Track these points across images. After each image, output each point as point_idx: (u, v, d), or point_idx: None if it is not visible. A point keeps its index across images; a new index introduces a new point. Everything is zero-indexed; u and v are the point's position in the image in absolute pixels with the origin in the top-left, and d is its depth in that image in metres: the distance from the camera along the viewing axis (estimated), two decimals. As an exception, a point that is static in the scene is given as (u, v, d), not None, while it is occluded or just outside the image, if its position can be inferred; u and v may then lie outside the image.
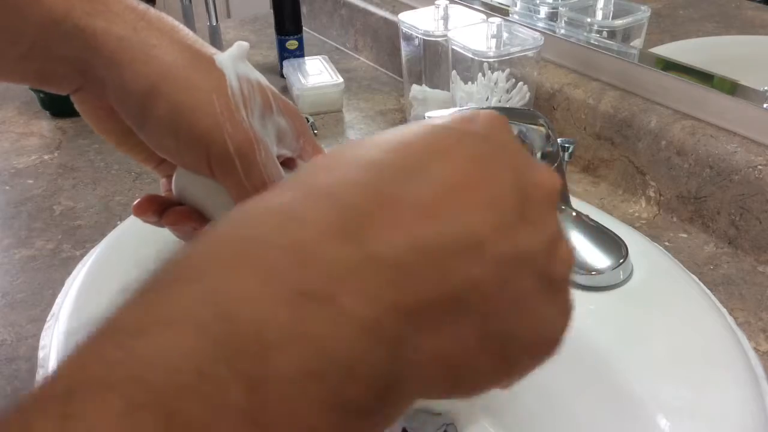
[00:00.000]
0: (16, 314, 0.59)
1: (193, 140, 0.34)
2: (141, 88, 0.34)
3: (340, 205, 0.20)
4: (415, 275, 0.20)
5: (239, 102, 0.35)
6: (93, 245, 0.64)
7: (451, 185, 0.21)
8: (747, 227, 0.62)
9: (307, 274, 0.18)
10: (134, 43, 0.34)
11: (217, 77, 0.35)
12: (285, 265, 0.18)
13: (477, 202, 0.21)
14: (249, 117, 0.35)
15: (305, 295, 0.18)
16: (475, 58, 0.73)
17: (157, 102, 0.34)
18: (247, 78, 0.37)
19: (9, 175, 0.80)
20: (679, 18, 0.82)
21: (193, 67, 0.35)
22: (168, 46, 0.35)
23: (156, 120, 0.34)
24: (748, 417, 0.44)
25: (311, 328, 0.18)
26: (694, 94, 0.68)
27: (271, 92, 0.38)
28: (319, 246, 0.19)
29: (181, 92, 0.34)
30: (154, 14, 0.36)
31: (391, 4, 1.05)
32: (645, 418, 0.45)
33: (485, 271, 0.21)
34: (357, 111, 0.94)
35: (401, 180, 0.21)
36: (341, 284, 0.18)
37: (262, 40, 1.19)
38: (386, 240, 0.19)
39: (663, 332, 0.51)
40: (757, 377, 0.47)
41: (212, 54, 0.36)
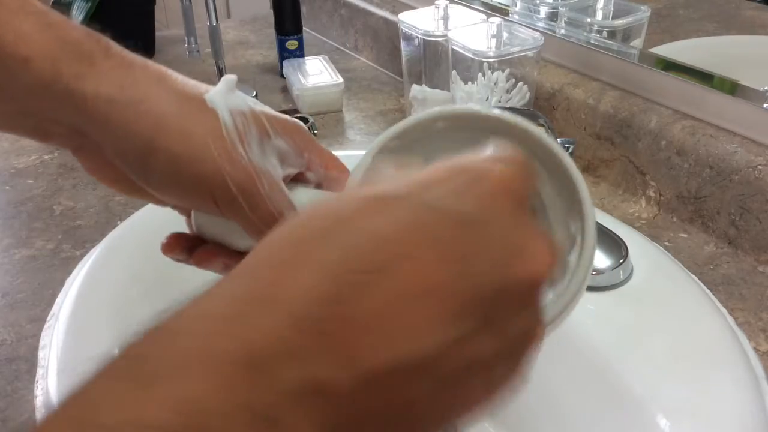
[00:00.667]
0: (16, 314, 0.59)
1: (196, 186, 0.35)
2: (137, 145, 0.34)
3: (296, 320, 0.20)
4: (360, 401, 0.20)
5: (235, 139, 0.36)
6: (93, 245, 0.64)
7: (409, 294, 0.20)
8: (747, 227, 0.62)
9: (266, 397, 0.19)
10: (123, 103, 0.34)
11: (209, 118, 0.36)
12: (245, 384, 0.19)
13: (436, 314, 0.20)
14: (247, 151, 0.36)
15: (264, 418, 0.18)
16: (475, 58, 0.73)
17: (155, 156, 0.34)
18: (240, 110, 0.37)
19: (9, 175, 0.80)
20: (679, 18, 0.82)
21: (184, 113, 0.35)
22: (157, 98, 0.35)
23: (157, 173, 0.35)
24: (748, 417, 0.44)
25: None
26: (694, 94, 0.68)
27: (265, 116, 0.38)
28: (275, 366, 0.19)
29: (177, 143, 0.34)
30: (140, 65, 0.36)
31: (391, 4, 1.05)
32: (645, 418, 0.45)
33: (428, 387, 0.21)
34: (357, 111, 0.94)
35: (358, 289, 0.20)
36: (295, 411, 0.19)
37: (262, 40, 1.19)
38: (332, 366, 0.19)
39: (663, 332, 0.51)
40: (757, 377, 0.47)
41: (202, 93, 0.37)
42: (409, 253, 0.21)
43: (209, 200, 0.35)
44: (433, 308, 0.20)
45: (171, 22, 1.81)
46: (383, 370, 0.20)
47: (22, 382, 0.52)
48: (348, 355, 0.20)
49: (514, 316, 0.22)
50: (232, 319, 0.20)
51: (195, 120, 0.35)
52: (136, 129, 0.34)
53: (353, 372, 0.20)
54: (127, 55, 0.36)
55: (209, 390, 0.18)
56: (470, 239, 0.21)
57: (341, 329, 0.20)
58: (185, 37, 0.93)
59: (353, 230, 0.21)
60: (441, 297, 0.21)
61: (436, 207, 0.22)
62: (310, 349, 0.19)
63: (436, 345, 0.20)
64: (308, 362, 0.19)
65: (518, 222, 0.23)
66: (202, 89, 0.37)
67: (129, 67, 0.35)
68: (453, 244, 0.21)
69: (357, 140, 0.87)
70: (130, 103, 0.34)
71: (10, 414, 0.50)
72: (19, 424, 0.49)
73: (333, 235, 0.21)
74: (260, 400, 0.18)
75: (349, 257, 0.21)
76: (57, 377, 0.48)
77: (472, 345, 0.21)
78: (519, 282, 0.22)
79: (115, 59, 0.35)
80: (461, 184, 0.23)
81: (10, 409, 0.50)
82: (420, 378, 0.20)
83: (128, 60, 0.36)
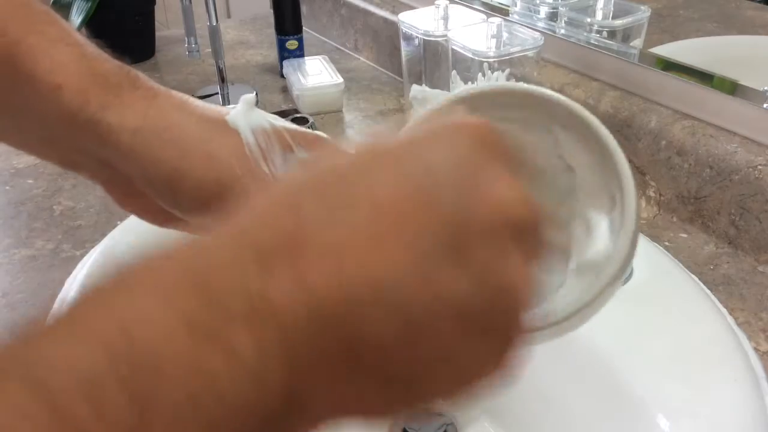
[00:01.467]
0: (16, 314, 0.58)
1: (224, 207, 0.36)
2: (164, 173, 0.35)
3: (250, 243, 0.20)
4: (308, 332, 0.19)
5: (258, 157, 0.36)
6: (93, 245, 0.64)
7: (371, 220, 0.20)
8: (747, 227, 0.62)
9: (205, 309, 0.18)
10: (147, 132, 0.35)
11: (232, 140, 0.36)
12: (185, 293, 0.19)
13: (396, 244, 0.20)
14: (271, 168, 0.37)
15: (201, 329, 0.18)
16: (475, 58, 0.73)
17: (183, 183, 0.35)
18: (262, 128, 0.37)
19: (9, 175, 0.80)
20: (679, 18, 0.82)
21: (207, 136, 0.36)
22: (180, 125, 0.36)
23: (186, 199, 0.36)
24: (748, 417, 0.44)
25: (204, 363, 0.18)
26: (694, 94, 0.68)
27: (287, 132, 0.39)
28: (220, 283, 0.19)
29: (202, 166, 0.35)
30: (163, 95, 0.37)
31: (391, 4, 1.05)
32: (645, 418, 0.45)
33: (388, 324, 0.19)
34: (357, 111, 0.94)
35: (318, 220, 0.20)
36: (235, 327, 0.18)
37: (262, 40, 1.19)
38: (284, 290, 0.19)
39: (663, 332, 0.51)
40: (757, 377, 0.47)
41: (224, 116, 0.37)
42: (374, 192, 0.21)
43: None
44: (392, 239, 0.20)
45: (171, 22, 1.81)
46: (336, 297, 0.19)
47: (22, 382, 0.52)
48: (298, 279, 0.19)
49: (482, 251, 0.21)
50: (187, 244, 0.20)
51: (218, 142, 0.36)
52: (162, 157, 0.35)
53: (303, 296, 0.19)
54: (153, 86, 0.37)
55: (150, 302, 0.18)
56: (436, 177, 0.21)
57: (293, 253, 0.19)
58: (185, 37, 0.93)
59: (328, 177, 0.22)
60: (401, 229, 0.20)
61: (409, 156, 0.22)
62: (259, 271, 0.19)
63: (393, 275, 0.19)
64: (257, 283, 0.19)
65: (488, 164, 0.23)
66: (223, 111, 0.38)
67: (153, 98, 0.36)
68: (419, 181, 0.21)
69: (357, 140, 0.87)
70: (154, 131, 0.35)
71: (10, 414, 0.50)
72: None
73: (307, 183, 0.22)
74: (203, 316, 0.18)
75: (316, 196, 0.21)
76: (57, 377, 0.48)
77: (435, 280, 0.20)
78: (483, 214, 0.21)
79: (141, 91, 0.36)
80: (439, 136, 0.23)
81: (10, 409, 0.50)
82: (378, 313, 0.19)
83: (153, 91, 0.37)
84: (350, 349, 0.19)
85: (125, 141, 0.35)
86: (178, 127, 0.36)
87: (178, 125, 0.36)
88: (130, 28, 1.09)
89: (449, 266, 0.20)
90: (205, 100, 0.95)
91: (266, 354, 0.18)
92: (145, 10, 1.11)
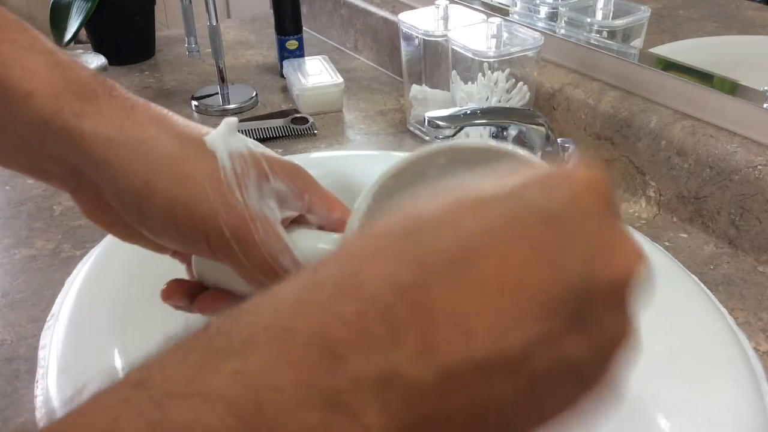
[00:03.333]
0: (16, 314, 0.59)
1: (192, 230, 0.35)
2: (134, 186, 0.34)
3: (376, 308, 0.19)
4: (434, 398, 0.19)
5: (232, 183, 0.35)
6: (93, 245, 0.64)
7: (496, 288, 0.20)
8: (747, 227, 0.62)
9: (338, 382, 0.18)
10: (121, 143, 0.34)
11: (208, 161, 0.35)
12: (317, 366, 0.19)
13: (523, 310, 0.20)
14: (244, 195, 0.36)
15: (335, 403, 0.18)
16: (475, 58, 0.73)
17: (152, 199, 0.34)
18: (240, 153, 0.36)
19: (9, 175, 0.79)
20: (679, 18, 0.82)
21: (183, 155, 0.35)
22: (156, 140, 0.35)
23: (154, 216, 0.35)
24: (748, 417, 0.44)
25: (328, 428, 0.18)
26: (694, 94, 0.68)
27: (265, 159, 0.38)
28: (351, 352, 0.19)
29: (174, 185, 0.34)
30: (142, 107, 0.36)
31: (391, 4, 1.05)
32: (645, 418, 0.45)
33: (515, 388, 0.20)
34: (357, 111, 0.94)
35: (443, 280, 0.20)
36: (368, 399, 0.18)
37: (262, 40, 1.19)
38: (412, 356, 0.19)
39: (663, 332, 0.51)
40: (757, 377, 0.47)
41: (203, 135, 0.36)
42: (495, 247, 0.20)
43: (204, 245, 0.35)
44: (519, 303, 0.20)
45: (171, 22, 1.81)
46: (465, 366, 0.19)
47: (22, 382, 0.52)
48: (427, 348, 0.19)
49: (604, 316, 0.21)
50: (309, 302, 0.20)
51: (193, 163, 0.35)
52: (134, 170, 0.34)
53: (432, 366, 0.19)
54: (130, 97, 0.36)
55: (279, 367, 0.18)
56: (559, 235, 0.21)
57: (422, 320, 0.19)
58: (185, 37, 0.93)
59: (440, 227, 0.21)
60: (527, 292, 0.20)
61: (524, 205, 0.21)
62: (388, 338, 0.19)
63: (521, 343, 0.20)
64: (385, 351, 0.19)
65: (607, 220, 0.22)
66: (203, 131, 0.37)
67: (131, 109, 0.35)
68: (541, 239, 0.21)
69: (357, 140, 0.87)
70: (129, 143, 0.34)
71: (10, 414, 0.50)
72: (19, 424, 0.49)
73: (419, 232, 0.21)
74: (331, 383, 0.18)
75: (434, 249, 0.20)
76: (57, 377, 0.48)
77: (559, 345, 0.20)
78: (609, 280, 0.21)
79: (118, 100, 0.35)
80: (550, 185, 0.22)
81: (10, 409, 0.50)
82: (504, 378, 0.20)
83: (131, 102, 0.36)
84: (474, 414, 0.20)
85: (98, 149, 0.34)
86: (154, 141, 0.35)
87: (154, 139, 0.35)
88: (130, 28, 1.09)
89: (574, 333, 0.21)
90: (205, 100, 0.96)
91: (392, 421, 0.19)
92: (145, 10, 1.11)
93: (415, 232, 0.21)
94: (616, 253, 0.22)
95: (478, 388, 0.19)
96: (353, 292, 0.20)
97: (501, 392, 0.20)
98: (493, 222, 0.21)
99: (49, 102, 0.33)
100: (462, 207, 0.22)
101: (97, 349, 0.50)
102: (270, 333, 0.19)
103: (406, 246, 0.21)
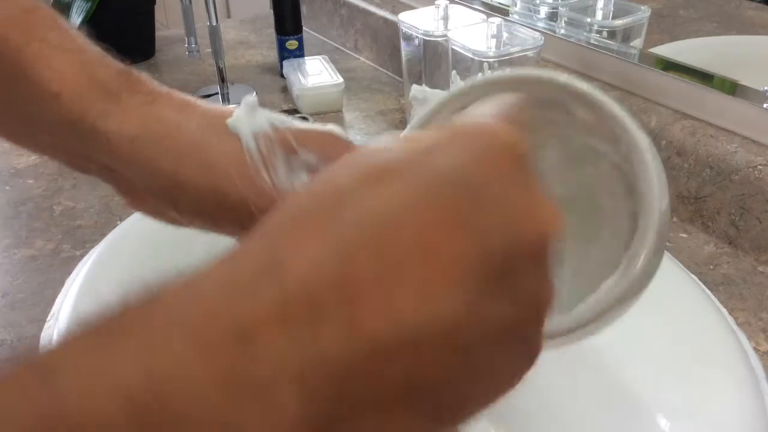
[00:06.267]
0: (16, 314, 0.59)
1: (225, 218, 0.35)
2: (163, 181, 0.35)
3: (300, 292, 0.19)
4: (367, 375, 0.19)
5: (259, 164, 0.35)
6: (93, 245, 0.64)
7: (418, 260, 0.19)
8: (747, 227, 0.62)
9: (254, 368, 0.18)
10: (145, 141, 0.35)
11: (232, 146, 0.35)
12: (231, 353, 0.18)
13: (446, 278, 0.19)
14: (272, 175, 0.36)
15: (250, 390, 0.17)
16: (475, 58, 0.73)
17: (182, 191, 0.35)
18: (264, 132, 0.36)
19: (9, 175, 0.80)
20: (679, 18, 0.82)
21: (207, 143, 0.35)
22: (178, 132, 0.35)
23: (186, 207, 0.35)
24: (748, 417, 0.44)
25: (240, 417, 0.17)
26: (694, 94, 0.68)
27: (291, 133, 0.37)
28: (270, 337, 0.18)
29: (201, 176, 0.35)
30: (164, 99, 0.36)
31: (391, 4, 1.05)
32: (645, 418, 0.45)
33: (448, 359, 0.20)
34: (357, 111, 0.94)
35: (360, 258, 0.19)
36: (287, 384, 0.18)
37: (262, 40, 1.19)
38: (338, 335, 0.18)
39: (663, 332, 0.51)
40: (757, 377, 0.47)
41: (226, 117, 0.36)
42: (412, 221, 0.20)
43: (238, 228, 0.35)
44: (442, 271, 0.20)
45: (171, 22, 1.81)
46: (391, 338, 0.19)
47: (22, 382, 0.52)
48: (350, 322, 0.19)
49: (527, 277, 0.21)
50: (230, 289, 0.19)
51: (217, 150, 0.35)
52: (160, 165, 0.35)
53: (356, 340, 0.18)
54: (153, 90, 0.36)
55: (187, 355, 0.17)
56: (475, 201, 0.21)
57: (343, 296, 0.19)
58: (185, 37, 0.93)
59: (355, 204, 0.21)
60: (449, 259, 0.20)
61: (437, 173, 0.21)
62: (310, 319, 0.18)
63: (448, 311, 0.19)
64: (308, 332, 0.18)
65: (523, 182, 0.22)
66: (226, 114, 0.37)
67: (152, 104, 0.35)
68: (458, 207, 0.21)
69: (357, 140, 0.87)
70: (152, 140, 0.35)
71: (10, 414, 0.50)
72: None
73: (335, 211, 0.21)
74: (246, 370, 0.18)
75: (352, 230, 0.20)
76: (57, 377, 0.48)
77: (488, 311, 0.20)
78: (529, 241, 0.21)
79: (140, 96, 0.35)
80: (462, 147, 0.22)
81: (10, 409, 0.50)
82: (435, 349, 0.19)
83: (153, 95, 0.36)
84: (408, 392, 0.19)
85: (124, 149, 0.34)
86: (177, 133, 0.35)
87: (176, 131, 0.35)
88: (130, 28, 1.09)
89: (500, 297, 0.20)
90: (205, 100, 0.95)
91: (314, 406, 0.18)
92: (145, 10, 1.11)
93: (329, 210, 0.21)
94: (532, 215, 0.22)
95: (408, 362, 0.19)
96: (275, 278, 0.19)
97: (434, 365, 0.19)
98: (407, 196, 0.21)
99: (75, 103, 0.34)
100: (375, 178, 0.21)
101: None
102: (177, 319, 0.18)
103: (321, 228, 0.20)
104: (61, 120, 0.34)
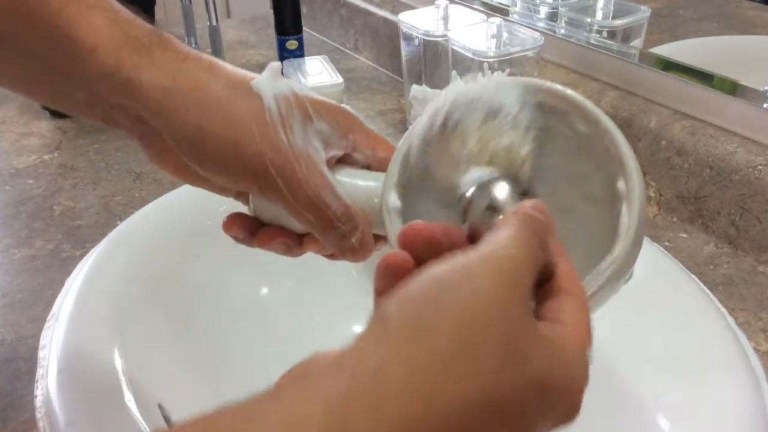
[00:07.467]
0: (16, 314, 0.59)
1: (241, 169, 0.38)
2: (187, 131, 0.37)
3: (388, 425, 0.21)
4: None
5: (277, 124, 0.38)
6: (93, 245, 0.64)
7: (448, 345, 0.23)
8: (747, 227, 0.62)
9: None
10: (175, 91, 0.37)
11: (254, 105, 0.38)
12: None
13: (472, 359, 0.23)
14: (288, 136, 0.38)
15: None
16: (475, 58, 0.73)
17: (205, 141, 0.37)
18: (285, 96, 0.39)
19: (9, 175, 0.80)
20: (679, 18, 0.82)
21: (231, 100, 0.38)
22: (206, 87, 0.38)
23: (207, 157, 0.38)
24: (748, 417, 0.44)
25: None
26: (694, 94, 0.68)
27: (309, 101, 0.41)
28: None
29: (223, 128, 0.37)
30: (194, 57, 0.39)
31: (391, 4, 1.05)
32: (645, 418, 0.45)
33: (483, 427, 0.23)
34: (357, 111, 0.94)
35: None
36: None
37: (262, 40, 1.19)
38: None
39: (663, 332, 0.51)
40: (757, 377, 0.47)
41: (249, 81, 0.39)
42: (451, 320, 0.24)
43: (253, 183, 0.38)
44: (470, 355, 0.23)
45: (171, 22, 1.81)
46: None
47: (22, 382, 0.52)
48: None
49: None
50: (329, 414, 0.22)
51: (241, 107, 0.38)
52: (187, 116, 0.37)
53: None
54: (183, 49, 0.39)
55: None
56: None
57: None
58: (185, 37, 0.93)
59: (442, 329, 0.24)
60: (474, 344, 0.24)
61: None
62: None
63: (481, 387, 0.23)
64: None
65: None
66: (249, 76, 0.39)
67: (183, 60, 0.38)
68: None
69: (357, 140, 0.87)
70: (182, 91, 0.37)
71: (10, 414, 0.50)
72: (19, 423, 0.49)
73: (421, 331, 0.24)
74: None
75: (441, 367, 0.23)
76: (57, 377, 0.48)
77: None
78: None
79: (171, 53, 0.38)
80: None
81: (10, 410, 0.50)
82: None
83: (184, 53, 0.39)
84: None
85: (155, 98, 0.37)
86: (204, 88, 0.38)
87: (204, 87, 0.38)
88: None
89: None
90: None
91: None
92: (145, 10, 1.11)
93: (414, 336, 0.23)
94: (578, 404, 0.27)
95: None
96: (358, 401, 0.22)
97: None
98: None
99: (111, 56, 0.37)
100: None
101: (97, 349, 0.50)
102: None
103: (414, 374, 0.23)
104: (97, 72, 0.37)
